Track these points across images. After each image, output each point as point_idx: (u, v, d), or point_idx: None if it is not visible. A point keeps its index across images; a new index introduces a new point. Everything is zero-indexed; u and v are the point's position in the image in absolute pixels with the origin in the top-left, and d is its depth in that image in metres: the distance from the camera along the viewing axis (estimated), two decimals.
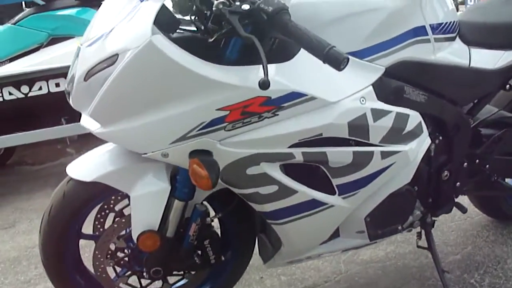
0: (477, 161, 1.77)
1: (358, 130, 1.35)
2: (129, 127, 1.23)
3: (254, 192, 1.36)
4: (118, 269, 1.56)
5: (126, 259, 1.52)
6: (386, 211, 1.57)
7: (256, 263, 1.85)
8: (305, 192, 1.39)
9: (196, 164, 1.22)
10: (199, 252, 1.52)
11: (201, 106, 1.21)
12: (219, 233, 1.58)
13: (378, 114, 1.37)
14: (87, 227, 1.52)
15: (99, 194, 1.44)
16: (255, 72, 1.23)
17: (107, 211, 1.52)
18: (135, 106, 1.21)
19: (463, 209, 1.81)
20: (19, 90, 3.17)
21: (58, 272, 1.50)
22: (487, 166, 1.80)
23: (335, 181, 1.41)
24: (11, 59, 3.36)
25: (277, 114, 1.26)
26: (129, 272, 1.54)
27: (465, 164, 1.73)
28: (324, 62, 1.11)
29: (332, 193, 1.43)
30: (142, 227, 1.41)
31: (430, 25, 1.47)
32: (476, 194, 2.18)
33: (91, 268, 1.53)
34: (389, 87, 1.42)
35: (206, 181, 1.21)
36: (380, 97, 1.38)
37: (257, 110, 1.24)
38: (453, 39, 1.57)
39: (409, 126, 1.44)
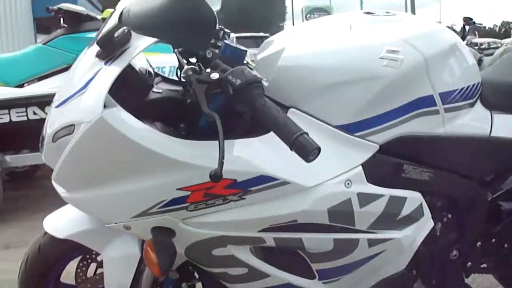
0: (494, 240, 1.56)
1: (340, 216, 1.20)
2: (90, 197, 1.16)
3: (223, 272, 1.25)
4: None
5: None
6: None
7: None
8: (279, 276, 1.26)
9: (149, 246, 1.13)
10: None
11: (161, 184, 1.11)
12: None
13: (366, 199, 1.21)
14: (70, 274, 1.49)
15: (74, 249, 1.41)
16: (227, 151, 1.11)
17: (89, 260, 1.49)
18: (94, 177, 1.14)
19: None
20: (43, 111, 3.23)
21: None
22: (506, 245, 1.58)
23: (315, 266, 1.27)
24: (40, 78, 3.42)
25: (244, 198, 1.13)
26: None
27: (479, 243, 1.53)
28: (291, 149, 0.97)
29: (312, 277, 1.29)
30: None
31: (439, 93, 1.27)
32: (500, 274, 1.95)
33: None
34: (383, 167, 1.25)
35: (155, 268, 1.11)
36: (372, 179, 1.22)
37: (222, 192, 1.12)
38: (471, 105, 1.37)
39: (406, 210, 1.27)
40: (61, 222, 1.37)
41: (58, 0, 3.80)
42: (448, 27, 1.43)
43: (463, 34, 7.40)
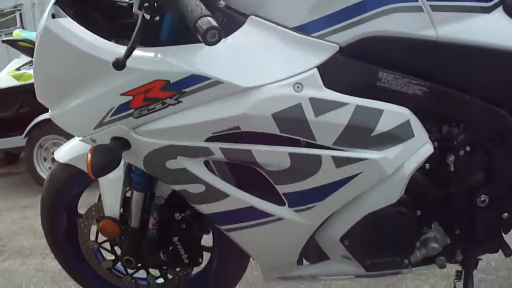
0: None
1: (292, 126, 1.06)
2: (63, 111, 1.21)
3: (183, 190, 1.20)
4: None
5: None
6: (371, 236, 1.20)
7: None
8: (239, 197, 1.16)
9: (90, 150, 1.14)
10: (170, 249, 1.42)
11: (108, 91, 1.12)
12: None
13: (323, 106, 1.05)
14: None
15: (80, 175, 1.47)
16: (164, 54, 1.08)
17: None
18: (59, 91, 1.19)
19: (506, 250, 1.26)
20: None
21: (52, 242, 1.60)
22: None
23: (280, 189, 1.14)
24: None
25: (181, 101, 1.08)
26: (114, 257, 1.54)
27: None
28: (194, 32, 0.92)
29: (281, 203, 1.16)
30: (106, 212, 1.41)
31: None
32: None
33: None
34: (348, 72, 1.07)
35: (89, 169, 1.12)
36: (333, 85, 1.06)
37: (159, 95, 1.09)
38: (484, 10, 1.11)
39: (384, 126, 1.07)
40: (65, 149, 1.47)
41: None
42: None
43: None
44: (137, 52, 1.08)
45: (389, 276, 1.47)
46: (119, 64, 0.97)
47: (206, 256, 1.51)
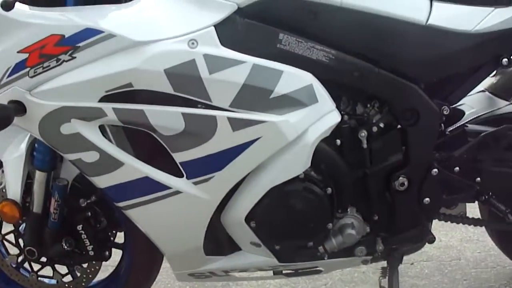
0: (458, 168, 1.15)
1: (185, 83, 1.01)
2: None
3: (78, 159, 1.11)
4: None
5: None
6: (277, 216, 1.12)
7: None
8: (134, 166, 1.09)
9: None
10: (74, 239, 1.32)
11: (5, 49, 1.07)
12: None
13: (217, 63, 1.00)
14: None
15: None
16: (63, 11, 1.06)
17: None
18: None
19: (430, 239, 1.18)
20: None
21: None
22: (478, 178, 1.15)
23: (177, 157, 1.07)
24: None
25: (75, 57, 1.03)
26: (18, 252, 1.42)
27: (435, 170, 1.14)
28: None
29: (179, 174, 1.09)
30: (9, 194, 1.31)
31: None
32: (493, 229, 1.42)
33: None
34: (247, 31, 1.03)
35: None
36: (231, 45, 1.02)
37: (53, 51, 1.04)
38: None
39: (283, 89, 1.02)
40: None
41: None
42: None
43: None
44: (37, 10, 1.06)
45: None
46: (7, 4, 0.93)
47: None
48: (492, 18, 1.12)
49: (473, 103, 1.31)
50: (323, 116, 1.05)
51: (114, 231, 1.39)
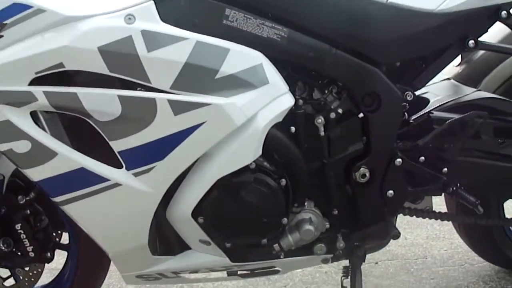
0: (423, 158, 1.08)
1: (122, 63, 0.92)
2: None
3: (9, 150, 1.01)
4: None
5: None
6: (226, 210, 1.03)
7: None
8: (68, 157, 0.99)
9: None
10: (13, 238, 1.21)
11: None
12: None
13: (157, 40, 0.91)
14: None
15: None
16: None
17: None
18: None
19: (395, 234, 1.11)
20: None
21: None
22: (444, 169, 1.08)
23: (114, 146, 0.98)
24: None
25: (1, 35, 0.94)
26: None
27: (399, 160, 1.06)
28: None
29: (118, 165, 0.99)
30: None
31: None
32: (461, 223, 1.36)
33: None
34: (191, 7, 0.95)
35: None
36: (173, 21, 0.93)
37: None
38: None
39: (230, 68, 0.94)
40: None
41: None
42: None
43: None
44: None
45: None
46: None
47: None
48: None
49: (438, 90, 1.24)
50: (274, 99, 0.96)
51: (57, 231, 1.29)
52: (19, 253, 1.23)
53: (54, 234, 1.28)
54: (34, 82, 0.95)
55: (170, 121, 0.94)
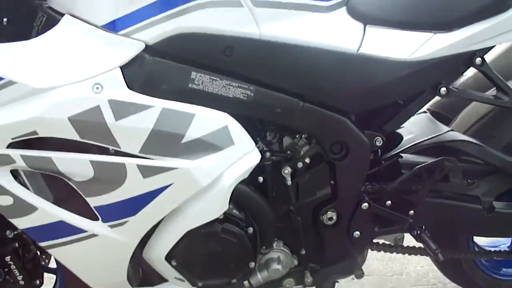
0: (390, 202, 1.11)
1: (92, 131, 0.96)
2: None
3: None
4: None
5: None
6: (196, 256, 1.09)
7: None
8: (48, 211, 1.05)
9: None
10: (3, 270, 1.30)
11: None
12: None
13: (124, 108, 0.95)
14: None
15: None
16: None
17: None
18: None
19: (358, 272, 1.16)
20: None
21: None
22: (411, 211, 1.11)
23: (91, 201, 1.03)
24: None
25: None
26: None
27: (365, 204, 1.10)
28: None
29: (94, 217, 1.05)
30: None
31: None
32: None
33: None
34: (157, 72, 0.97)
35: None
36: (140, 87, 0.96)
37: None
38: (325, 9, 1.03)
39: (196, 132, 0.97)
40: None
41: None
42: None
43: None
44: None
45: None
46: None
47: None
48: (430, 44, 1.05)
49: (413, 126, 1.26)
50: (240, 158, 1.00)
51: (46, 256, 1.37)
52: (11, 281, 1.32)
53: (42, 258, 1.36)
54: (12, 145, 1.00)
55: (140, 183, 0.99)
